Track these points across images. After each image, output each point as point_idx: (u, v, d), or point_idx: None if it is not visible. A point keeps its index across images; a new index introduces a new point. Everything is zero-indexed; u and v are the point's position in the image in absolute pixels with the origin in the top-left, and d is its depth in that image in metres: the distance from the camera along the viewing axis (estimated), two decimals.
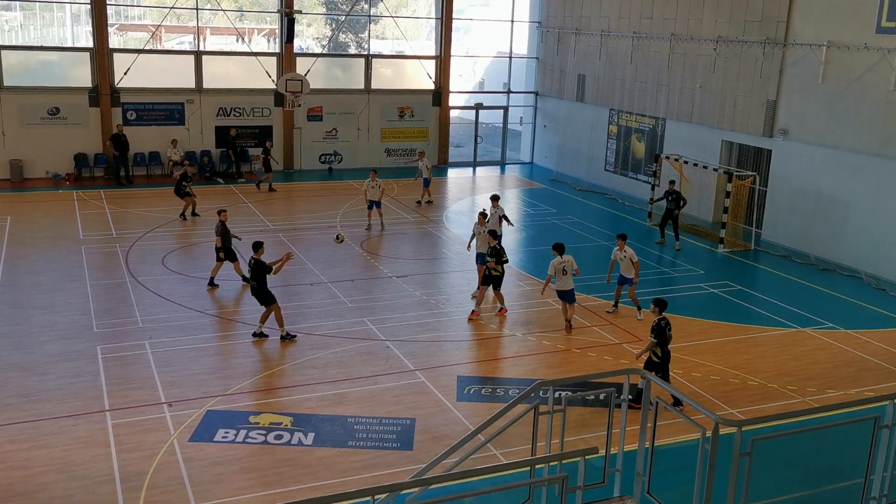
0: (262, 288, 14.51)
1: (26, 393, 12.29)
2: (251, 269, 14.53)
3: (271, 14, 31.00)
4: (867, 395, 12.92)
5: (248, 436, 11.34)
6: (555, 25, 31.44)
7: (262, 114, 29.38)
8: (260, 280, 14.45)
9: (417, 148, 30.68)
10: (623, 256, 16.22)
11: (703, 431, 7.20)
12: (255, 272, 14.46)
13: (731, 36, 23.37)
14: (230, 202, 24.84)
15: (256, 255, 14.53)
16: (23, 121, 26.57)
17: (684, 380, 13.53)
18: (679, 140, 25.62)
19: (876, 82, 19.43)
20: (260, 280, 14.45)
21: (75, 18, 30.20)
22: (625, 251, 16.21)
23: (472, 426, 10.82)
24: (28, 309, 15.72)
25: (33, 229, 21.04)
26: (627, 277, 16.29)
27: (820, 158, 20.94)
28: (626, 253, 16.19)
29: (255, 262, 14.48)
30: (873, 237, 19.59)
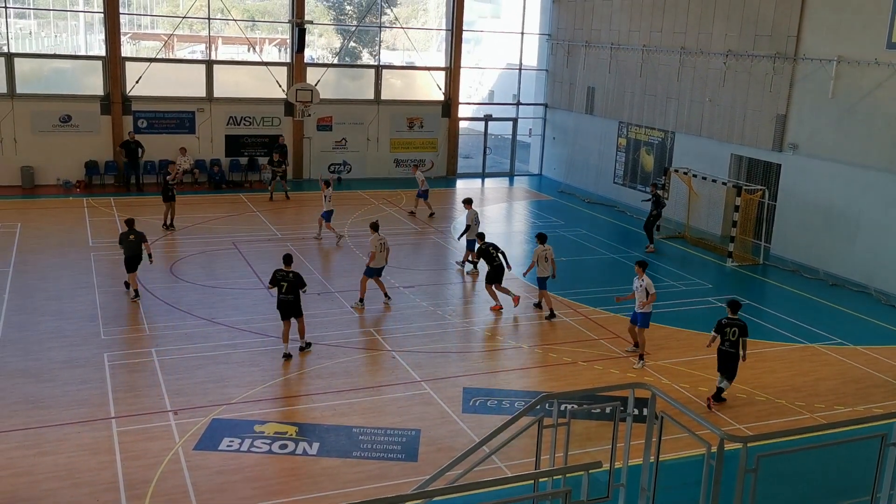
0: (298, 300, 14.24)
1: (32, 399, 12.33)
2: (290, 282, 14.09)
3: (283, 24, 31.16)
4: (875, 412, 12.82)
5: (253, 445, 11.33)
6: (565, 38, 31.50)
7: (272, 123, 29.50)
8: (297, 293, 14.17)
9: (428, 158, 30.73)
10: (639, 285, 14.48)
11: (709, 447, 7.17)
12: (295, 285, 14.13)
13: (741, 50, 23.36)
14: (238, 211, 24.93)
15: (289, 267, 14.28)
16: (35, 128, 26.75)
17: (691, 394, 13.46)
18: (688, 153, 25.59)
19: (886, 98, 19.37)
20: (297, 293, 14.17)
21: (89, 27, 30.44)
22: (642, 279, 14.48)
23: (478, 438, 10.79)
24: (36, 315, 15.78)
25: (43, 236, 21.14)
26: (640, 313, 14.52)
27: (829, 173, 20.87)
28: (643, 282, 14.46)
29: (295, 275, 14.19)
30: (883, 253, 19.49)
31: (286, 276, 14.15)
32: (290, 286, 14.08)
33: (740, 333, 12.87)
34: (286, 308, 14.18)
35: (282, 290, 14.08)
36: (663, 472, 8.46)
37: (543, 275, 16.90)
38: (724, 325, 12.99)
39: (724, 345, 13.00)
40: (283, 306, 14.17)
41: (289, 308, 14.18)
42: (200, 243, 21.22)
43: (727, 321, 13.02)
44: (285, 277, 14.13)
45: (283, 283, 14.07)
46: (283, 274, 14.19)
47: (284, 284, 14.06)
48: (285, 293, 14.08)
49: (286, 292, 14.07)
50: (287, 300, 14.12)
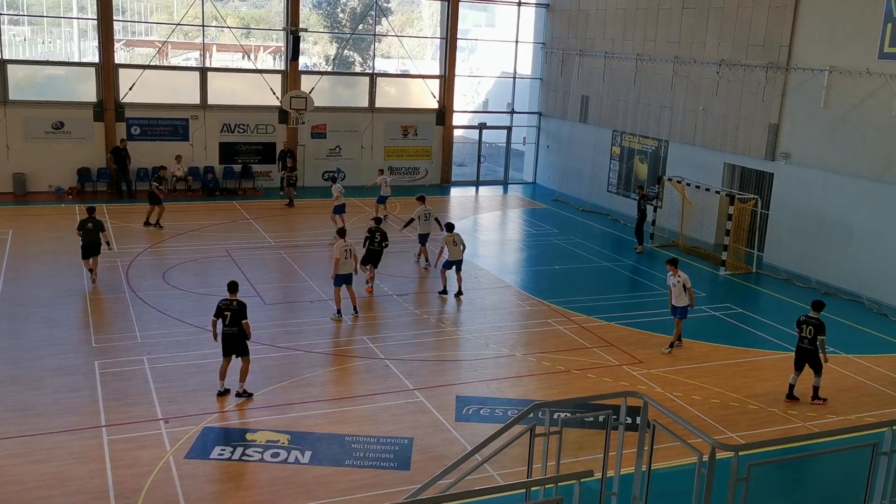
0: (242, 334, 12.74)
1: (23, 407, 12.26)
2: (234, 312, 12.65)
3: (277, 32, 31.20)
4: (867, 421, 12.84)
5: (245, 453, 11.28)
6: (559, 47, 31.59)
7: (267, 130, 29.49)
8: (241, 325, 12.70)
9: (423, 166, 30.76)
10: (676, 282, 15.37)
11: (700, 456, 7.17)
12: (238, 315, 12.69)
13: (734, 59, 23.46)
14: (232, 218, 24.89)
15: (234, 295, 12.91)
16: (27, 135, 26.69)
17: (684, 402, 13.46)
18: (682, 162, 25.66)
19: (878, 107, 19.47)
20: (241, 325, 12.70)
21: (82, 33, 30.45)
22: (678, 276, 15.40)
23: (471, 447, 10.76)
24: (27, 323, 15.71)
25: (34, 243, 21.07)
26: (678, 306, 15.52)
27: (822, 182, 20.94)
28: (679, 278, 15.37)
29: (240, 304, 12.81)
30: (875, 262, 19.56)
31: (229, 304, 12.72)
32: (234, 316, 12.62)
33: (816, 332, 13.43)
34: (229, 342, 12.71)
35: (225, 321, 12.66)
36: (655, 481, 8.46)
37: (455, 258, 18.25)
38: (801, 323, 13.67)
39: (801, 342, 13.61)
40: (226, 340, 12.72)
41: (232, 342, 12.71)
42: (193, 251, 21.17)
43: (805, 319, 13.64)
44: (229, 306, 12.69)
45: (227, 313, 12.65)
46: (226, 303, 12.75)
47: (228, 314, 12.64)
48: (229, 325, 12.64)
49: (229, 324, 12.63)
50: (231, 333, 12.65)
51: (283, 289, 18.90)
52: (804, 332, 13.59)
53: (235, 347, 12.76)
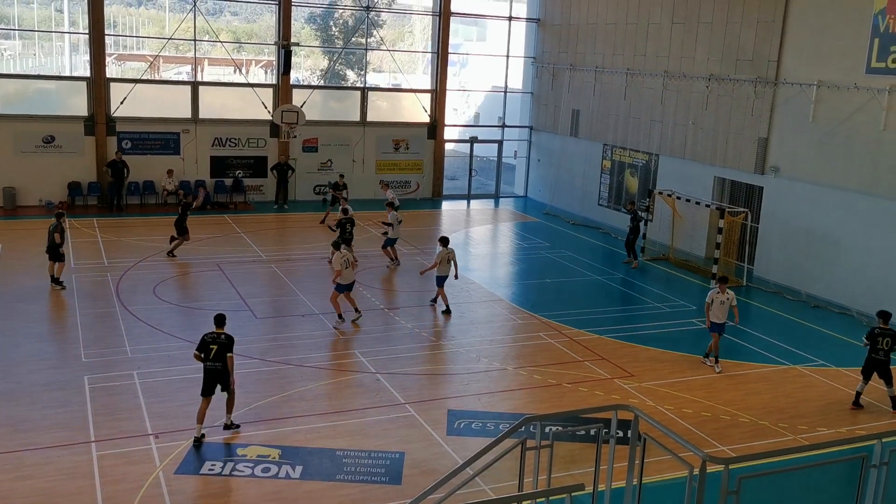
0: (226, 370, 11.91)
1: (11, 422, 12.17)
2: (220, 346, 11.83)
3: (269, 46, 31.27)
4: (858, 434, 12.87)
5: (235, 468, 11.23)
6: (550, 61, 31.76)
7: (258, 144, 29.51)
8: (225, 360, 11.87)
9: (414, 180, 30.83)
10: (725, 300, 15.53)
11: (691, 469, 7.17)
12: (224, 348, 11.88)
13: (723, 74, 23.63)
14: (223, 232, 24.86)
15: (221, 328, 12.05)
16: (17, 149, 26.62)
17: (675, 416, 13.47)
18: (672, 176, 25.78)
19: (866, 122, 19.62)
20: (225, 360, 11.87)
21: (74, 48, 30.43)
22: (726, 294, 15.55)
23: (462, 461, 10.74)
24: (16, 337, 15.62)
25: (24, 257, 20.98)
26: (719, 323, 15.61)
27: (811, 196, 21.07)
28: (727, 297, 15.53)
29: (227, 337, 11.97)
30: (864, 275, 19.66)
31: (217, 338, 11.84)
32: (220, 350, 11.78)
33: (893, 342, 13.73)
34: (211, 379, 11.86)
35: (209, 355, 11.77)
36: (646, 495, 8.46)
37: (443, 273, 18.12)
38: (876, 335, 13.92)
39: (877, 354, 13.94)
40: (208, 376, 11.85)
41: (214, 379, 11.86)
42: (184, 265, 21.12)
43: (880, 331, 13.93)
44: (216, 340, 11.82)
45: (213, 347, 11.77)
46: (212, 336, 11.87)
47: (214, 348, 11.76)
48: (213, 360, 11.77)
49: (214, 358, 11.76)
50: (214, 369, 11.79)
51: (274, 303, 18.87)
52: (881, 344, 13.86)
53: (219, 383, 11.94)
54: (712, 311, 15.60)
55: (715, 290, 15.75)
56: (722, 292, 15.58)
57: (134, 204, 27.81)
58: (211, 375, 11.91)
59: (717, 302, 15.55)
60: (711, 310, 15.61)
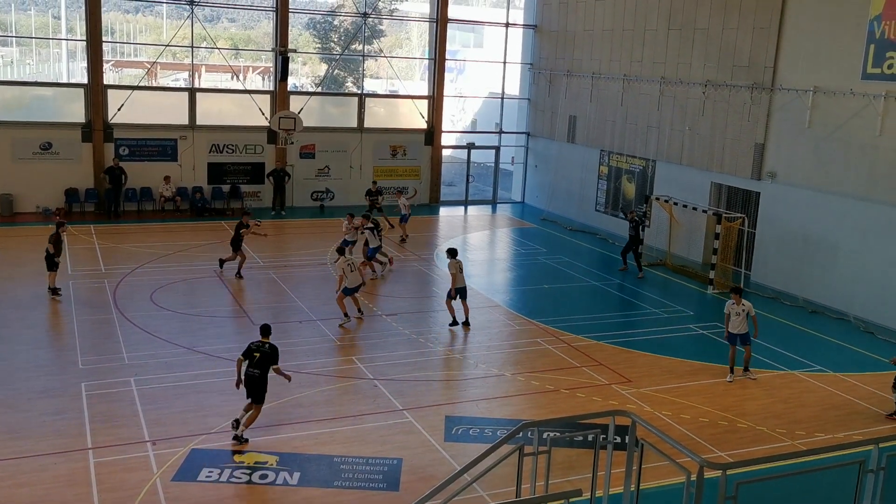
0: (264, 379, 12.20)
1: (8, 430, 12.14)
2: (264, 354, 12.14)
3: (266, 52, 31.32)
4: (855, 439, 12.88)
5: (233, 475, 11.21)
6: (546, 67, 31.83)
7: (255, 151, 29.53)
8: (266, 370, 12.17)
9: (412, 186, 30.86)
10: (741, 311, 15.23)
11: (689, 475, 7.18)
12: (268, 358, 12.23)
13: (720, 80, 23.69)
14: (220, 238, 24.84)
15: (266, 338, 12.45)
16: (15, 155, 26.61)
17: (673, 421, 13.47)
18: (669, 181, 25.82)
19: (862, 127, 19.68)
20: (266, 370, 12.17)
21: (71, 55, 30.49)
22: (742, 305, 15.24)
23: (460, 467, 10.73)
24: (13, 344, 15.59)
25: (21, 264, 20.95)
26: (736, 334, 15.38)
27: (807, 201, 21.11)
28: (743, 307, 15.22)
29: (272, 347, 12.34)
30: (861, 280, 19.68)
31: (261, 346, 12.23)
32: (262, 359, 12.11)
33: None
34: (251, 385, 12.11)
35: (252, 361, 12.09)
36: (644, 500, 8.46)
37: (461, 284, 17.47)
38: None
39: None
40: (249, 383, 12.10)
41: (253, 386, 12.11)
42: (181, 271, 21.11)
43: None
44: (260, 348, 12.20)
45: (256, 354, 12.11)
46: (258, 344, 12.28)
47: (257, 356, 12.10)
48: (254, 366, 12.06)
49: (255, 365, 12.06)
50: (253, 375, 12.04)
51: (272, 309, 18.84)
52: None
53: (254, 391, 12.13)
54: (731, 322, 15.45)
55: (731, 302, 15.46)
56: (737, 303, 15.32)
57: (131, 210, 27.79)
58: (249, 381, 12.12)
59: (734, 313, 15.36)
60: (730, 321, 15.45)
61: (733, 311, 15.36)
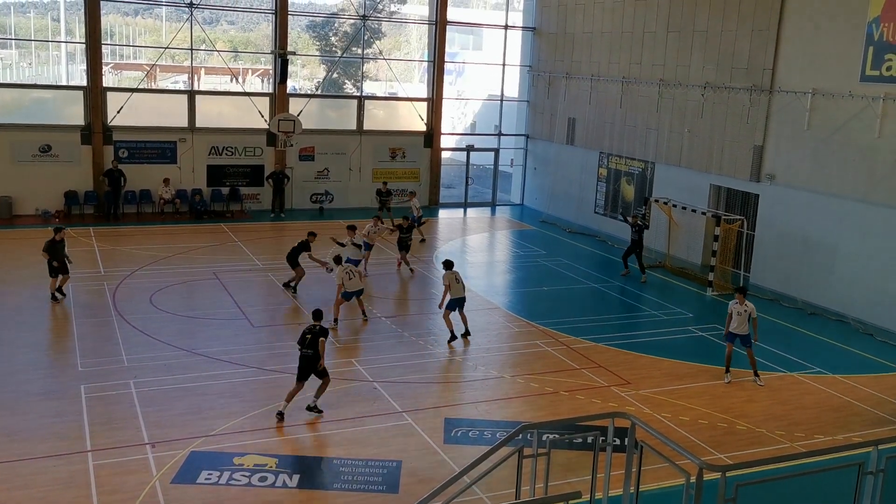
0: (317, 357, 13.06)
1: (7, 432, 12.13)
2: (314, 335, 13.00)
3: (265, 55, 31.34)
4: (854, 441, 12.89)
5: (232, 478, 11.20)
6: (545, 69, 31.86)
7: (255, 153, 29.54)
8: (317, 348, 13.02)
9: (408, 189, 30.84)
10: (743, 311, 15.29)
11: (688, 477, 7.18)
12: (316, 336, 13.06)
13: (719, 82, 23.71)
14: (220, 241, 24.86)
15: (318, 322, 13.37)
16: (14, 158, 26.61)
17: (672, 423, 13.47)
18: (668, 183, 25.83)
19: (860, 129, 19.70)
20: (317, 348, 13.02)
21: (70, 57, 30.49)
22: (745, 306, 15.30)
23: (459, 469, 10.73)
24: (12, 347, 15.59)
25: (20, 266, 20.96)
26: (737, 334, 15.45)
27: (806, 203, 21.13)
28: (746, 308, 15.28)
29: (321, 328, 13.21)
30: (860, 282, 19.70)
31: (312, 329, 13.18)
32: (313, 338, 13.02)
33: None
34: (304, 365, 13.05)
35: (304, 343, 13.07)
36: (643, 502, 8.46)
37: (457, 295, 16.84)
38: None
39: None
40: (301, 363, 13.09)
41: (307, 364, 13.02)
42: (181, 273, 21.11)
43: None
44: (311, 330, 13.15)
45: (308, 336, 13.07)
46: (310, 328, 13.24)
47: (308, 337, 13.05)
48: (306, 347, 13.03)
49: (307, 346, 13.02)
50: (306, 355, 13.00)
51: (272, 311, 18.85)
52: None
53: (310, 369, 13.06)
54: (732, 321, 15.49)
55: (734, 302, 15.56)
56: (741, 303, 15.37)
57: (131, 213, 27.80)
58: (303, 361, 13.03)
59: (736, 313, 15.42)
60: (732, 320, 15.49)
61: (735, 310, 15.40)
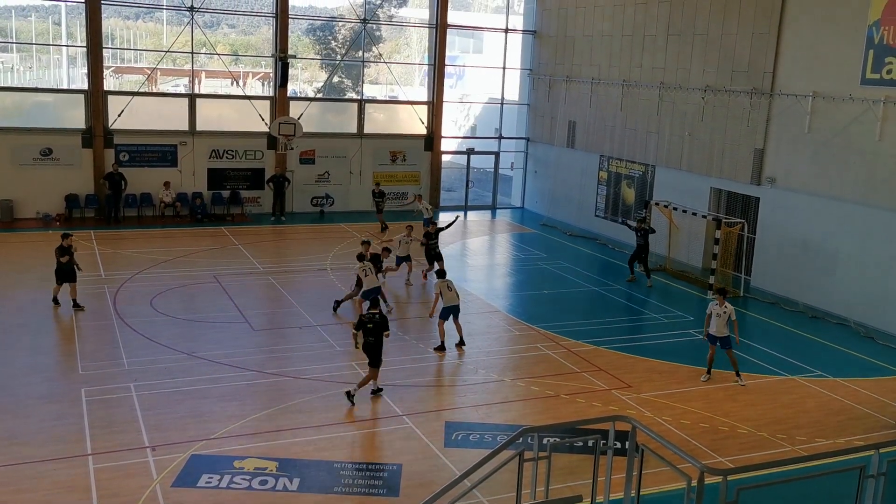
0: (379, 344, 13.96)
1: (7, 436, 12.13)
2: (376, 323, 13.90)
3: (266, 58, 31.36)
4: (855, 444, 12.86)
5: (233, 481, 11.19)
6: (546, 73, 31.88)
7: (255, 156, 29.56)
8: (380, 336, 13.92)
9: (411, 192, 30.86)
10: (722, 312, 15.39)
11: (689, 480, 7.17)
12: (380, 327, 13.94)
13: (719, 85, 23.72)
14: (221, 244, 24.86)
15: (375, 309, 14.17)
16: (15, 161, 26.63)
17: (673, 427, 13.46)
18: (668, 186, 25.83)
19: (861, 132, 19.70)
20: (380, 336, 13.92)
21: (71, 61, 30.52)
22: (725, 307, 15.41)
23: (460, 473, 10.71)
24: (13, 350, 15.59)
25: (21, 270, 20.97)
26: (717, 336, 15.49)
27: (807, 207, 21.13)
28: (725, 309, 15.39)
29: (382, 317, 14.09)
30: (861, 285, 19.69)
31: (372, 317, 13.96)
32: (375, 327, 13.87)
33: None
34: (370, 351, 13.95)
35: (368, 332, 13.89)
36: None
37: (451, 303, 16.62)
38: None
39: None
40: (367, 349, 13.97)
41: (372, 351, 13.95)
42: (181, 276, 21.11)
43: None
44: (372, 319, 13.93)
45: (370, 325, 13.87)
46: (369, 316, 14.01)
47: (371, 326, 13.87)
48: (370, 335, 13.88)
49: (370, 333, 13.87)
50: (370, 342, 13.91)
51: (272, 314, 18.86)
52: None
53: (373, 356, 13.96)
54: (711, 323, 15.57)
55: (714, 303, 15.70)
56: (720, 305, 15.51)
57: (131, 216, 27.81)
58: (368, 348, 13.94)
59: (715, 314, 15.51)
60: (711, 321, 15.58)
61: (715, 311, 15.48)
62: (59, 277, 18.07)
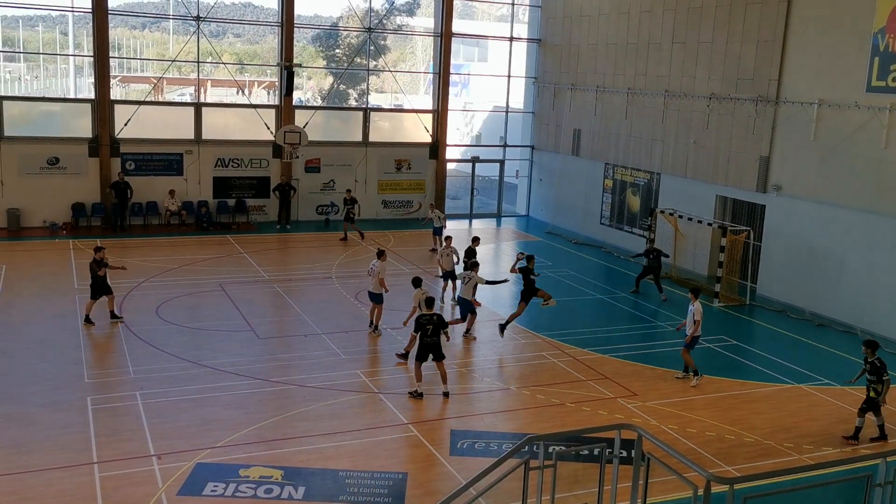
0: (439, 343, 14.47)
1: (13, 444, 12.14)
2: (435, 324, 14.39)
3: (271, 67, 31.47)
4: (862, 453, 12.81)
5: (238, 490, 11.18)
6: (551, 81, 31.92)
7: (261, 165, 29.64)
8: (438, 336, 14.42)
9: (416, 199, 30.90)
10: (690, 310, 15.68)
11: (696, 489, 7.14)
12: (438, 327, 14.41)
13: (724, 93, 23.73)
14: (226, 252, 24.91)
15: (431, 310, 14.60)
16: (22, 170, 26.75)
17: (679, 435, 13.41)
18: (674, 194, 25.82)
19: (867, 140, 19.68)
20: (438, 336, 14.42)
21: (78, 70, 30.70)
22: (693, 305, 15.67)
23: (465, 481, 10.69)
24: (19, 358, 15.62)
25: (28, 278, 21.03)
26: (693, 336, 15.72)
27: (813, 214, 21.09)
28: (693, 307, 15.65)
29: (439, 317, 14.53)
30: (867, 293, 19.63)
31: (431, 318, 14.40)
32: (435, 328, 14.35)
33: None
34: (427, 350, 14.39)
35: (427, 333, 14.30)
36: None
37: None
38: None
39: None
40: (425, 349, 14.38)
41: (430, 350, 14.41)
42: (187, 285, 21.14)
43: None
44: (430, 320, 14.38)
45: (429, 327, 14.32)
46: (427, 318, 14.41)
47: (430, 327, 14.31)
48: (430, 336, 14.32)
49: (431, 335, 14.32)
50: (431, 342, 14.36)
51: (277, 323, 18.87)
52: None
53: (433, 354, 14.42)
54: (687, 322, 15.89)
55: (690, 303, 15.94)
56: (692, 303, 15.74)
57: (137, 225, 27.89)
58: (427, 348, 14.36)
59: (689, 313, 15.76)
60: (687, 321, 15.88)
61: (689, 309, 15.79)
62: (96, 292, 17.52)
